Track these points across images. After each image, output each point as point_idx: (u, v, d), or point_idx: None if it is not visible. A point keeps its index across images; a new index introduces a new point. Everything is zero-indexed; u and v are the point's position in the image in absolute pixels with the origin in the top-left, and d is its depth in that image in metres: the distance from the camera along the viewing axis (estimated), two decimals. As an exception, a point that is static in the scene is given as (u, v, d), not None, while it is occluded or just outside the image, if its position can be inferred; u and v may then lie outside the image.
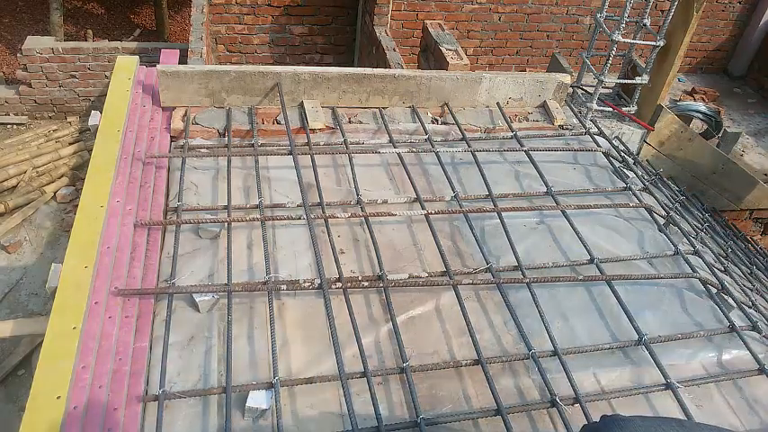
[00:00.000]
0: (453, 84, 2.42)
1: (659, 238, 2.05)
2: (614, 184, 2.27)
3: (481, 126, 2.43)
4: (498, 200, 2.02)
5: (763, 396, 1.60)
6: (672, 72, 4.66)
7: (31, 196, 4.99)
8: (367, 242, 1.83)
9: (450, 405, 1.43)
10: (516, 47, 7.15)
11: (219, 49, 6.38)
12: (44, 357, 1.31)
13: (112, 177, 1.79)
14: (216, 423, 1.33)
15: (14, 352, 3.74)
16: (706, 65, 8.24)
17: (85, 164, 5.06)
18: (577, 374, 1.50)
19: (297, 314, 1.60)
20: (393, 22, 6.18)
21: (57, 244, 4.68)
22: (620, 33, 4.49)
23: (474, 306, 1.69)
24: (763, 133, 7.31)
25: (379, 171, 2.15)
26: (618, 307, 1.72)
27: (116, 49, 6.00)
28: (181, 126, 2.15)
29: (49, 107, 6.16)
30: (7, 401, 3.54)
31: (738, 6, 7.70)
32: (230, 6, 6.17)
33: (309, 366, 1.48)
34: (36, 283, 4.33)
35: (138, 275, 1.59)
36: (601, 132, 2.51)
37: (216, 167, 2.05)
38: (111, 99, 2.13)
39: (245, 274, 1.68)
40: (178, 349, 1.47)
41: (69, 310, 1.40)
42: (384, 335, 1.58)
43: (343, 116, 2.33)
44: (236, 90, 2.23)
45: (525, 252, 1.88)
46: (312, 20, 6.43)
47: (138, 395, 1.34)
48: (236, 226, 1.80)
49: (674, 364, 1.62)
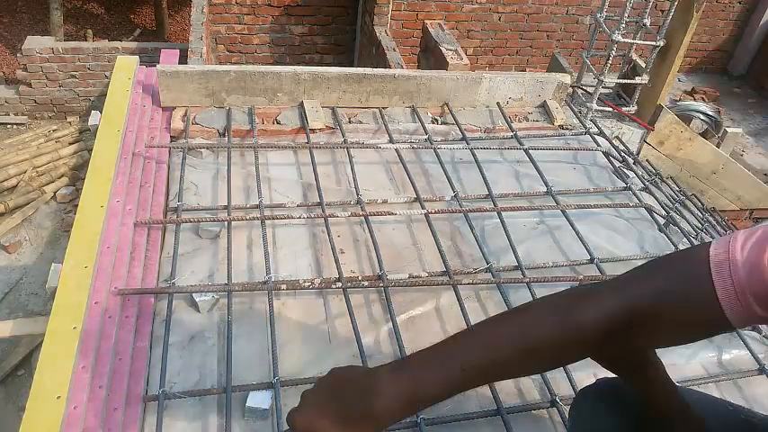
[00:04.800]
0: (453, 84, 2.42)
1: (659, 237, 2.05)
2: (614, 184, 2.27)
3: (481, 126, 2.43)
4: (498, 199, 2.02)
5: (763, 396, 1.60)
6: (672, 72, 4.67)
7: (31, 196, 4.99)
8: (367, 242, 1.83)
9: (450, 405, 1.43)
10: (516, 47, 7.15)
11: (219, 49, 6.39)
12: (44, 357, 1.31)
13: (112, 177, 1.79)
14: (216, 423, 1.33)
15: (14, 352, 3.75)
16: (706, 65, 8.24)
17: (85, 164, 5.06)
18: (577, 374, 1.50)
19: (297, 314, 1.60)
20: (393, 22, 6.18)
21: (57, 244, 4.68)
22: (620, 33, 4.49)
23: (474, 306, 1.69)
24: (763, 133, 7.32)
25: (380, 171, 2.16)
26: (618, 307, 1.71)
27: (116, 49, 6.00)
28: (181, 126, 2.15)
29: (49, 107, 6.16)
30: (7, 401, 3.55)
31: (738, 6, 7.70)
32: (230, 6, 6.18)
33: (309, 366, 1.48)
34: (36, 283, 4.33)
35: (138, 275, 1.59)
36: (601, 132, 2.51)
37: (216, 167, 2.05)
38: (111, 99, 2.13)
39: (245, 275, 1.68)
40: (178, 349, 1.47)
41: (69, 310, 1.40)
42: (384, 335, 1.58)
43: (343, 116, 2.33)
44: (236, 90, 2.23)
45: (525, 252, 1.88)
46: (312, 20, 6.43)
47: (138, 395, 1.34)
48: (236, 225, 1.80)
49: (675, 363, 1.62)
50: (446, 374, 0.75)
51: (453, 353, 0.77)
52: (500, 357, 0.77)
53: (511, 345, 0.77)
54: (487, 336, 0.79)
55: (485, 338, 0.79)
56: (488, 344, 0.78)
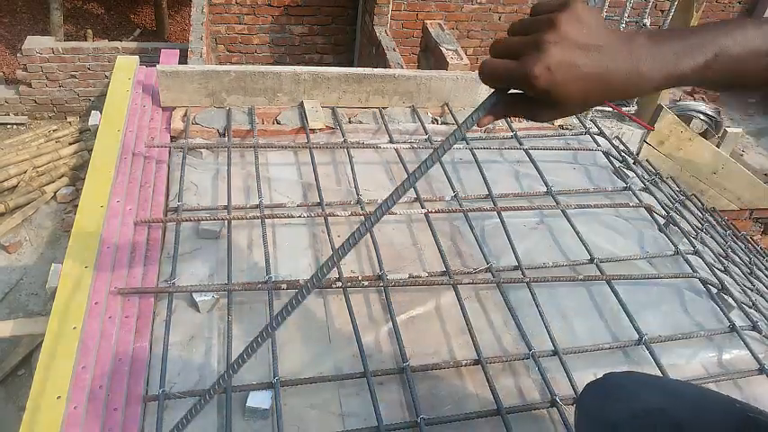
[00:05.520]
0: (453, 84, 2.42)
1: (659, 237, 2.05)
2: (614, 184, 2.27)
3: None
4: (498, 199, 2.02)
5: (763, 396, 1.60)
6: (672, 72, 4.66)
7: (31, 196, 4.99)
8: (367, 242, 1.83)
9: (450, 405, 1.43)
10: (516, 47, 7.13)
11: (219, 49, 6.39)
12: (44, 357, 1.31)
13: (112, 177, 1.79)
14: (216, 423, 1.33)
15: (14, 352, 3.74)
16: (706, 65, 8.23)
17: (85, 164, 5.07)
18: (577, 374, 1.50)
19: (297, 314, 1.60)
20: (393, 22, 6.18)
21: (57, 244, 4.68)
22: (620, 33, 4.48)
23: (474, 306, 1.69)
24: (763, 133, 7.31)
25: (379, 171, 2.16)
26: (618, 307, 1.72)
27: (116, 49, 6.00)
28: (181, 126, 2.15)
29: (49, 107, 6.16)
30: (7, 401, 3.55)
31: (738, 6, 7.71)
32: (230, 6, 6.17)
33: (309, 366, 1.48)
34: (36, 283, 4.33)
35: (138, 275, 1.59)
36: (601, 132, 2.51)
37: (216, 167, 2.05)
38: (111, 99, 2.13)
39: (245, 274, 1.68)
40: (178, 349, 1.47)
41: (69, 310, 1.40)
42: (384, 335, 1.58)
43: (343, 116, 2.33)
44: (236, 90, 2.23)
45: (525, 252, 1.88)
46: (312, 20, 6.43)
47: (138, 395, 1.34)
48: (236, 225, 1.80)
49: (675, 363, 1.62)
50: (705, 58, 0.68)
51: (717, 35, 0.69)
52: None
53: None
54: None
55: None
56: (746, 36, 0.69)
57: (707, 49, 0.69)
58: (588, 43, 0.65)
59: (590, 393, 1.05)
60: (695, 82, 0.71)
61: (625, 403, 0.96)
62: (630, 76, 0.66)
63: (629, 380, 1.00)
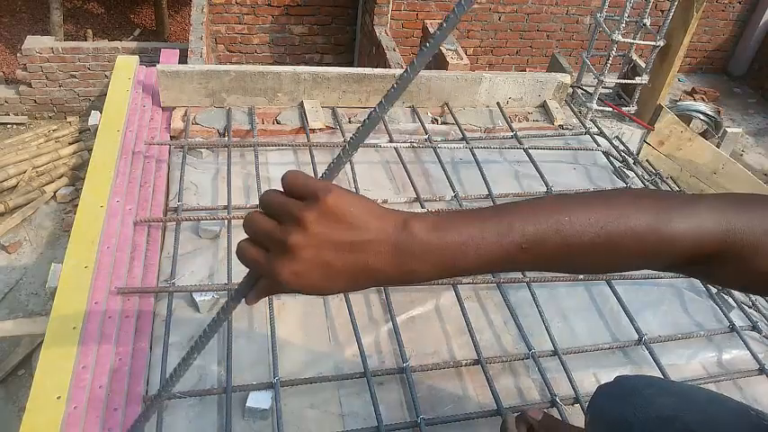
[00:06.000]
0: (453, 84, 2.42)
1: (659, 237, 2.05)
2: (614, 184, 2.27)
3: (481, 126, 2.43)
4: (498, 199, 2.02)
5: (763, 396, 1.60)
6: (672, 72, 4.66)
7: (31, 196, 4.99)
8: (367, 242, 1.82)
9: (450, 405, 1.43)
10: (516, 47, 7.15)
11: (219, 49, 6.38)
12: (44, 357, 1.31)
13: (112, 177, 1.79)
14: (216, 423, 1.33)
15: (14, 352, 3.74)
16: (706, 65, 8.24)
17: (85, 164, 5.06)
18: (577, 374, 1.50)
19: (297, 314, 1.60)
20: (393, 22, 6.18)
21: (57, 244, 4.68)
22: (620, 33, 4.49)
23: (474, 306, 1.69)
24: (763, 133, 7.31)
25: (379, 170, 2.16)
26: (618, 307, 1.72)
27: (116, 48, 6.00)
28: (181, 126, 2.15)
29: (49, 107, 6.16)
30: (7, 401, 3.54)
31: (738, 6, 7.70)
32: (230, 6, 6.17)
33: (309, 366, 1.47)
34: (36, 283, 4.32)
35: (138, 275, 1.59)
36: (601, 132, 2.51)
37: (216, 167, 2.05)
38: (111, 99, 2.13)
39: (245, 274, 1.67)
40: (178, 349, 1.47)
41: (69, 310, 1.40)
42: (384, 335, 1.58)
43: (343, 116, 2.33)
44: (236, 90, 2.23)
45: (525, 252, 1.87)
46: (312, 20, 6.43)
47: (138, 395, 1.34)
48: (236, 225, 1.80)
49: (675, 363, 1.62)
50: (500, 246, 0.60)
51: (513, 221, 0.62)
52: (575, 241, 0.62)
53: (593, 229, 0.62)
54: (567, 211, 0.63)
55: (558, 213, 0.63)
56: (562, 222, 0.62)
57: (505, 236, 0.61)
58: (344, 241, 0.58)
59: (603, 396, 1.05)
60: (499, 268, 0.64)
61: (639, 408, 0.95)
62: (397, 274, 0.60)
63: (643, 383, 1.00)
